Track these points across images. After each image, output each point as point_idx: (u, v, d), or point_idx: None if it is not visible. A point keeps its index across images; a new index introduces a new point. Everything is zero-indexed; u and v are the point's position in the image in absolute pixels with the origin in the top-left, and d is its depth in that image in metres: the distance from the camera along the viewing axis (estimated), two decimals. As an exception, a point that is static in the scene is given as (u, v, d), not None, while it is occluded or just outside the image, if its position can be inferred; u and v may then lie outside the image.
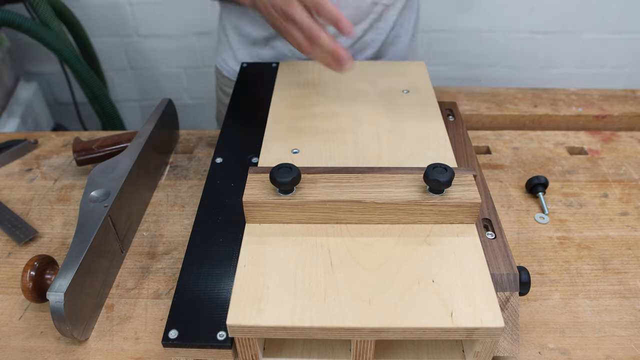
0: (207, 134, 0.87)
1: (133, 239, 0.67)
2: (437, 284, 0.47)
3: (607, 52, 1.70)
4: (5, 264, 0.64)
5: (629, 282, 0.61)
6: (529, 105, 0.94)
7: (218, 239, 0.57)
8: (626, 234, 0.67)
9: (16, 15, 1.30)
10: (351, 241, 0.52)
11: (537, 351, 0.53)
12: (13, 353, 0.54)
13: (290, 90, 0.78)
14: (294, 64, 0.86)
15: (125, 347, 0.54)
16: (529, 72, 1.74)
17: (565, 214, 0.70)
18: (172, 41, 1.67)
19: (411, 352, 0.51)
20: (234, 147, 0.69)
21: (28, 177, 0.78)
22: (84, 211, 0.59)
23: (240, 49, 0.97)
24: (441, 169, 0.51)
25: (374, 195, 0.52)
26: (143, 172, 0.70)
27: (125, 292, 0.60)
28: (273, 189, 0.53)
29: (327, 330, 0.44)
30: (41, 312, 0.58)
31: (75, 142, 0.75)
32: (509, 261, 0.52)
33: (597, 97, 0.96)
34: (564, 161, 0.80)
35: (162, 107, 0.79)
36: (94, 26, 1.61)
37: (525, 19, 1.62)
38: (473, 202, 0.52)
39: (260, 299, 0.46)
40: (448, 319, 0.44)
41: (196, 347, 0.48)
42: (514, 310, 0.50)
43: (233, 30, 0.96)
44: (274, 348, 0.51)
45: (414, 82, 0.79)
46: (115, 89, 1.80)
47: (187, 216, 0.70)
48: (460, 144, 0.69)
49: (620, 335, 0.55)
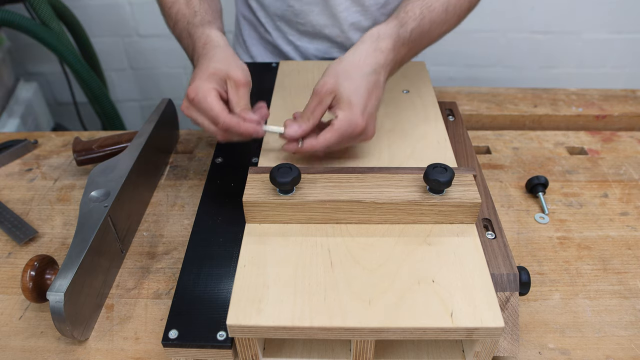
0: (207, 134, 0.86)
1: (133, 239, 0.67)
2: (437, 284, 0.47)
3: (607, 52, 1.70)
4: (5, 264, 0.64)
5: (629, 282, 0.61)
6: (529, 105, 0.94)
7: (218, 239, 0.57)
8: (626, 234, 0.67)
9: (16, 15, 1.30)
10: (351, 241, 0.52)
11: (537, 351, 0.53)
12: (13, 353, 0.54)
13: (290, 90, 0.78)
14: (294, 64, 0.86)
15: (125, 347, 0.54)
16: (529, 72, 1.74)
17: (565, 214, 0.70)
18: (172, 41, 1.65)
19: (411, 352, 0.51)
20: (234, 147, 0.69)
21: (28, 177, 0.78)
22: (84, 211, 0.59)
23: (253, 44, 0.99)
24: (441, 169, 0.51)
25: (374, 195, 0.52)
26: (143, 172, 0.70)
27: (125, 292, 0.60)
28: (273, 189, 0.53)
29: (327, 330, 0.44)
30: (41, 312, 0.58)
31: (75, 142, 0.75)
32: (509, 261, 0.52)
33: (597, 97, 0.96)
34: (564, 161, 0.80)
35: (162, 107, 0.79)
36: (94, 26, 1.61)
37: (525, 19, 1.62)
38: (473, 202, 0.52)
39: (260, 299, 0.46)
40: (448, 319, 0.44)
41: (196, 347, 0.48)
42: (514, 310, 0.50)
43: (247, 25, 0.99)
44: (274, 348, 0.51)
45: (414, 82, 0.79)
46: (115, 89, 1.79)
47: (187, 216, 0.70)
48: (460, 144, 0.69)
49: (620, 335, 0.55)
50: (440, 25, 0.66)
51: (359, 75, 0.57)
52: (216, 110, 0.56)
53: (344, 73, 0.57)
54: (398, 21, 0.61)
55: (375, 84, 0.58)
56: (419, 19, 0.63)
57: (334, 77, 0.56)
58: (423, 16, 0.63)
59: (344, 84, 0.56)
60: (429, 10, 0.64)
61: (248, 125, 0.58)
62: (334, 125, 0.56)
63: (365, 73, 0.57)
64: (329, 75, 0.57)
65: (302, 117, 0.58)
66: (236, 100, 0.59)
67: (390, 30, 0.60)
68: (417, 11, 0.63)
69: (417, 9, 0.64)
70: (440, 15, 0.66)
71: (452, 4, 0.67)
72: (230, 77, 0.59)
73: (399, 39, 0.60)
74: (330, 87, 0.56)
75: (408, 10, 0.63)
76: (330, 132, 0.56)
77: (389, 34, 0.59)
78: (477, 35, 1.66)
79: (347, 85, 0.56)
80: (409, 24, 0.62)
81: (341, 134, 0.56)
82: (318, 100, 0.57)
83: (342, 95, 0.56)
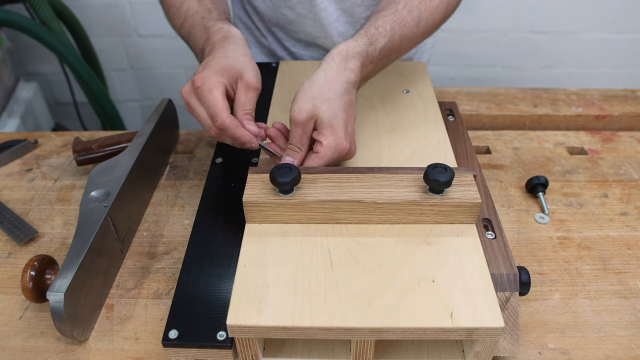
0: (207, 134, 0.86)
1: (133, 239, 0.67)
2: (437, 284, 0.47)
3: (607, 52, 1.70)
4: (5, 264, 0.64)
5: (629, 282, 0.61)
6: (529, 105, 0.94)
7: (218, 239, 0.57)
8: (626, 234, 0.67)
9: (16, 15, 1.30)
10: (351, 241, 0.52)
11: (537, 351, 0.53)
12: (13, 353, 0.54)
13: (290, 90, 0.78)
14: (294, 64, 0.86)
15: (125, 347, 0.54)
16: (529, 72, 1.74)
17: (565, 214, 0.70)
18: (172, 41, 1.67)
19: (411, 352, 0.51)
20: (234, 147, 0.69)
21: (28, 177, 0.78)
22: (84, 211, 0.59)
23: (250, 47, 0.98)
24: (441, 169, 0.51)
25: (374, 195, 0.52)
26: (143, 172, 0.70)
27: (125, 292, 0.60)
28: (273, 189, 0.53)
29: (327, 330, 0.44)
30: (41, 312, 0.58)
31: (75, 142, 0.75)
32: (509, 261, 0.52)
33: (597, 97, 0.96)
34: (564, 161, 0.80)
35: (162, 107, 0.79)
36: (94, 26, 1.61)
37: (525, 19, 1.62)
38: (473, 202, 0.52)
39: (260, 299, 0.46)
40: (448, 319, 0.44)
41: (196, 347, 0.48)
42: (514, 310, 0.50)
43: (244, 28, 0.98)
44: (274, 348, 0.51)
45: (414, 82, 0.79)
46: (115, 89, 1.80)
47: (187, 216, 0.70)
48: (460, 144, 0.69)
49: (620, 335, 0.55)
50: (411, 39, 0.65)
51: (334, 96, 0.55)
52: (219, 106, 0.56)
53: (319, 96, 0.55)
54: (367, 39, 0.60)
55: (349, 103, 0.57)
56: (389, 35, 0.61)
57: (310, 101, 0.55)
58: (393, 32, 0.62)
59: (322, 107, 0.55)
60: (399, 25, 0.62)
61: (244, 132, 0.57)
62: (320, 153, 0.56)
63: (339, 93, 0.56)
64: (304, 100, 0.55)
65: (291, 149, 0.57)
66: (242, 102, 0.58)
67: (359, 48, 0.58)
68: (388, 27, 0.62)
69: (387, 24, 0.62)
70: (412, 30, 0.64)
71: (424, 18, 0.65)
72: (243, 78, 0.58)
73: (367, 57, 0.59)
74: (309, 113, 0.55)
75: (379, 25, 0.61)
76: (317, 160, 0.56)
77: (357, 52, 0.58)
78: (477, 35, 1.66)
79: (326, 108, 0.55)
80: (379, 42, 0.60)
81: (328, 160, 0.56)
82: (302, 129, 0.56)
83: (322, 120, 0.55)
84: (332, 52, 0.58)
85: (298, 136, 0.56)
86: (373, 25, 0.62)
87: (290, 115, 0.56)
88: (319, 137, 0.56)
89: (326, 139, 0.55)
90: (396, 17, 0.63)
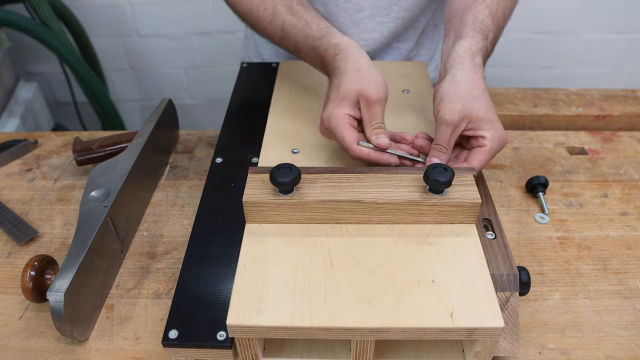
0: (207, 134, 0.87)
1: (133, 239, 0.67)
2: (437, 284, 0.47)
3: (607, 52, 1.70)
4: (5, 264, 0.64)
5: (629, 282, 0.61)
6: (529, 105, 0.94)
7: (218, 239, 0.57)
8: (626, 234, 0.67)
9: (16, 15, 1.30)
10: (351, 241, 0.52)
11: (537, 351, 0.53)
12: (13, 353, 0.54)
13: (290, 90, 0.78)
14: (294, 64, 0.86)
15: (125, 347, 0.54)
16: (529, 72, 1.74)
17: (565, 214, 0.70)
18: (172, 41, 1.67)
19: (411, 352, 0.51)
20: (234, 147, 0.70)
21: (28, 177, 0.78)
22: (84, 211, 0.59)
23: (264, 47, 0.99)
24: (441, 169, 0.51)
25: (374, 195, 0.52)
26: (143, 172, 0.70)
27: (125, 292, 0.60)
28: (273, 189, 0.53)
29: (327, 331, 0.44)
30: (41, 312, 0.58)
31: (75, 142, 0.75)
32: (509, 261, 0.52)
33: (597, 97, 0.96)
34: (564, 161, 0.80)
35: (162, 107, 0.79)
36: (94, 26, 1.61)
37: (525, 19, 1.62)
38: (473, 202, 0.52)
39: (260, 299, 0.46)
40: (448, 319, 0.44)
41: (196, 347, 0.48)
42: (514, 310, 0.50)
43: None
44: (274, 348, 0.51)
45: (414, 82, 0.79)
46: (115, 89, 1.80)
47: (187, 216, 0.70)
48: (460, 144, 0.69)
49: (620, 335, 0.55)
50: (501, 30, 0.68)
51: (480, 92, 0.57)
52: (347, 141, 0.57)
53: (467, 95, 0.57)
54: (482, 34, 0.62)
55: (489, 97, 0.59)
56: (493, 28, 0.64)
57: (460, 102, 0.56)
58: (493, 25, 0.64)
59: (474, 105, 0.57)
60: (494, 18, 0.65)
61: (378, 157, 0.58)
62: (486, 147, 0.57)
63: (483, 88, 0.58)
64: (453, 101, 0.56)
65: (438, 149, 0.58)
66: (368, 120, 0.59)
67: (479, 45, 0.61)
68: (489, 20, 0.64)
69: (488, 18, 0.64)
70: (501, 22, 0.67)
71: (508, 8, 0.68)
72: (363, 95, 0.58)
73: (486, 52, 0.62)
74: (461, 113, 0.56)
75: (482, 20, 0.63)
76: (484, 154, 0.57)
77: (478, 48, 0.60)
78: (477, 35, 1.66)
79: (477, 105, 0.57)
80: (489, 36, 0.63)
81: (493, 152, 0.58)
82: (452, 129, 0.57)
83: (479, 117, 0.57)
84: (457, 52, 0.60)
85: (447, 136, 0.57)
86: (477, 20, 0.63)
87: (439, 116, 0.57)
88: (479, 132, 0.57)
89: (488, 132, 0.57)
90: (490, 10, 0.65)
